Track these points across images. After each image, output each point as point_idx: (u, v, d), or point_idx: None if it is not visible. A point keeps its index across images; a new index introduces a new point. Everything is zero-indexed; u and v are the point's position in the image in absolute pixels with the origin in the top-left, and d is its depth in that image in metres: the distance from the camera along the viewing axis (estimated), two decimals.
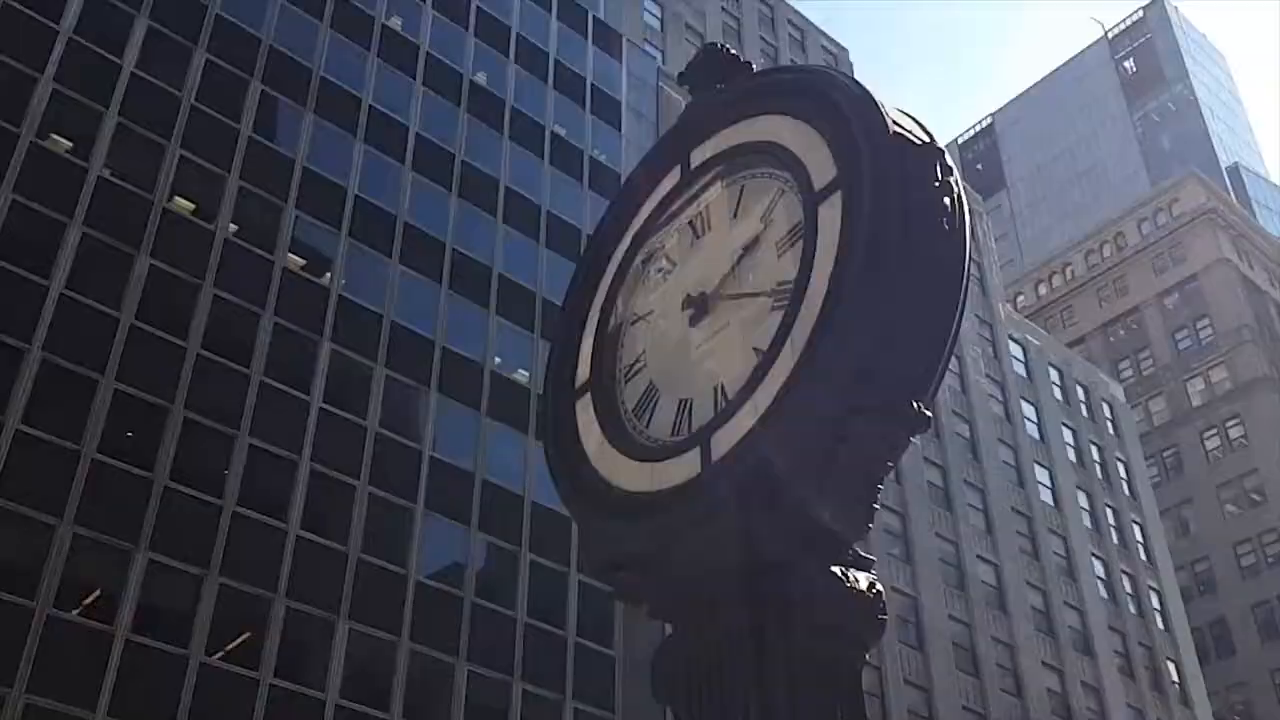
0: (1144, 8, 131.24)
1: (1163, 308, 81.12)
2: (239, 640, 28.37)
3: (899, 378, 2.93)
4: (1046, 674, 50.86)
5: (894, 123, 3.14)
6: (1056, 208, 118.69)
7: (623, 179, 39.23)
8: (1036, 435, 59.14)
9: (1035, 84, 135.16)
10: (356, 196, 36.65)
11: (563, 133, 44.27)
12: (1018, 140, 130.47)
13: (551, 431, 3.67)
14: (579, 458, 3.55)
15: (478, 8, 44.16)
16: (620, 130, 46.28)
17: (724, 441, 3.07)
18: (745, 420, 3.04)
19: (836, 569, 2.93)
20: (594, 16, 48.79)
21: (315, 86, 37.36)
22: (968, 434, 55.40)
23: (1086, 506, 58.95)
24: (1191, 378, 78.49)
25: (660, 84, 50.51)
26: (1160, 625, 58.00)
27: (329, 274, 35.39)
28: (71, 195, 30.51)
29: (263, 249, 33.93)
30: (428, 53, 41.57)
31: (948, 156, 3.22)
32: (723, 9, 68.24)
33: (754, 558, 2.91)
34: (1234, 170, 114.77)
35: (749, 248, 3.43)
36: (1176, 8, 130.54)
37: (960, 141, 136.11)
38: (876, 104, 3.20)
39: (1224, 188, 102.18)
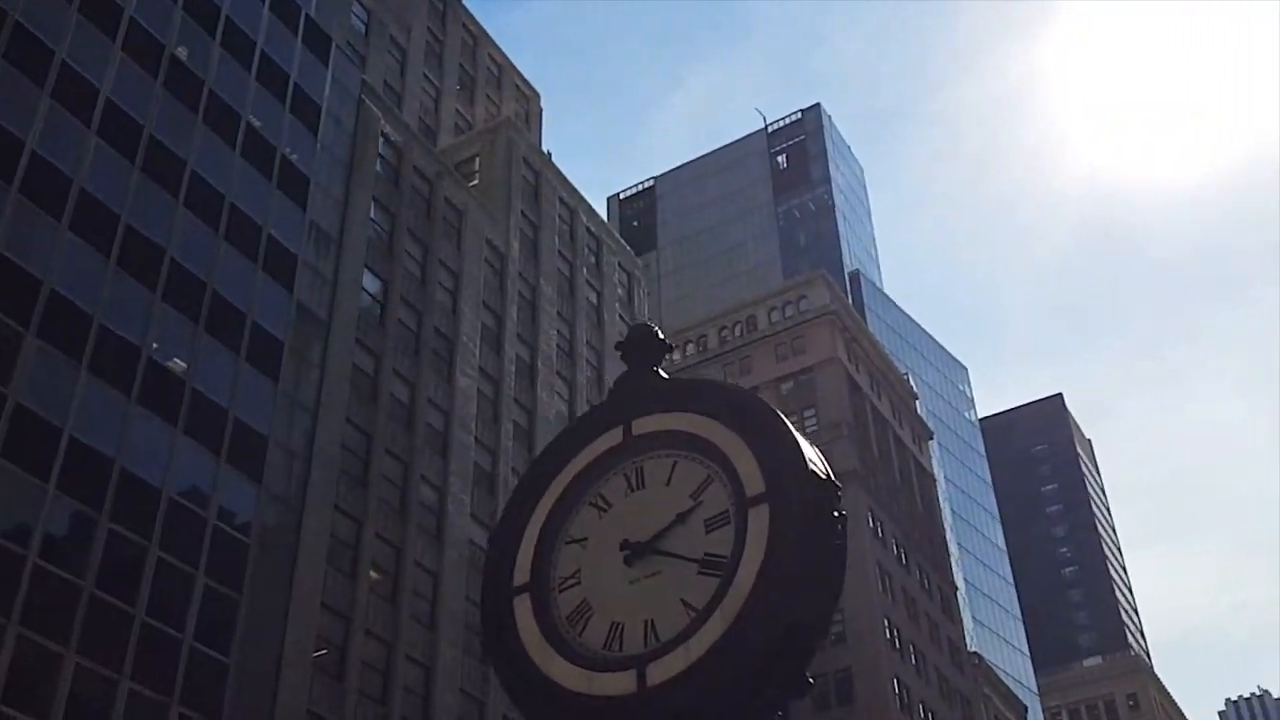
0: (803, 110, 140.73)
1: (778, 392, 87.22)
2: None
3: (798, 653, 4.32)
4: None
5: (811, 461, 4.45)
6: (699, 278, 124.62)
7: (312, 184, 38.77)
8: None
9: (698, 158, 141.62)
10: (33, 153, 34.68)
11: (258, 125, 43.39)
12: (674, 207, 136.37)
13: (491, 622, 4.55)
14: (517, 649, 4.41)
15: None
16: (317, 135, 45.82)
17: (659, 674, 4.07)
18: (679, 662, 4.06)
19: None
20: (306, 14, 48.16)
21: (7, 31, 35.18)
22: None
23: None
24: None
25: (362, 96, 50.43)
26: None
27: None
28: None
29: None
30: (131, 17, 39.80)
31: (839, 491, 4.66)
32: (428, 28, 68.60)
33: None
34: (855, 276, 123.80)
35: (682, 516, 4.44)
36: (830, 116, 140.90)
37: (622, 197, 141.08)
38: (799, 444, 4.44)
39: (845, 290, 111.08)
